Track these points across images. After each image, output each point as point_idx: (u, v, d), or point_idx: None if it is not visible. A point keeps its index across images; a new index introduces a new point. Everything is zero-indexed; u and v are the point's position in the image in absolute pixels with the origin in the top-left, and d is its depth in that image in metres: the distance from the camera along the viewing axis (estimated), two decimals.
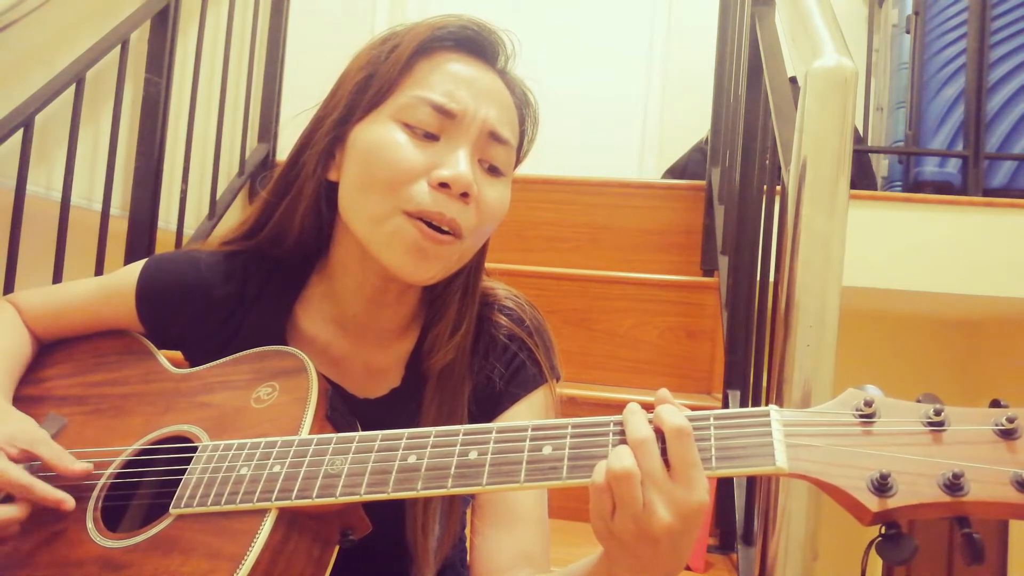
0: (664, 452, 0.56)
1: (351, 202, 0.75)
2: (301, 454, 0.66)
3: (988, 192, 1.98)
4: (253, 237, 0.83)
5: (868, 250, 1.77)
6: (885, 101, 2.51)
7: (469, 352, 0.82)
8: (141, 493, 0.75)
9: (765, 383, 1.21)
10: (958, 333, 2.65)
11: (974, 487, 0.51)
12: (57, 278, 1.52)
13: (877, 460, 0.53)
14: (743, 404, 1.52)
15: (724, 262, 1.88)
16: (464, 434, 0.63)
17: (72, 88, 1.53)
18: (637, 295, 1.98)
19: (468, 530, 0.82)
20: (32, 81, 1.47)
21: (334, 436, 0.66)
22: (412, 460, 0.62)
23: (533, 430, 0.61)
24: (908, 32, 2.24)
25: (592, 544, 0.59)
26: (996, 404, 0.54)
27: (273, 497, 0.64)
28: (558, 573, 0.69)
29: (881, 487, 0.52)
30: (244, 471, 0.66)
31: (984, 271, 1.75)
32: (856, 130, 2.01)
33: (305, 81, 0.85)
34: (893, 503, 0.52)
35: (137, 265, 0.85)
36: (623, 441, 0.57)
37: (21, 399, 0.83)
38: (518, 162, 0.82)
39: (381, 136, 0.73)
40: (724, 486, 1.48)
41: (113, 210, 1.69)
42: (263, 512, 0.63)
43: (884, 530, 0.53)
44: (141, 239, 1.77)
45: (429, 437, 0.64)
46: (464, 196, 0.72)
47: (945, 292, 1.77)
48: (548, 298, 1.98)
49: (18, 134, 1.42)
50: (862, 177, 2.28)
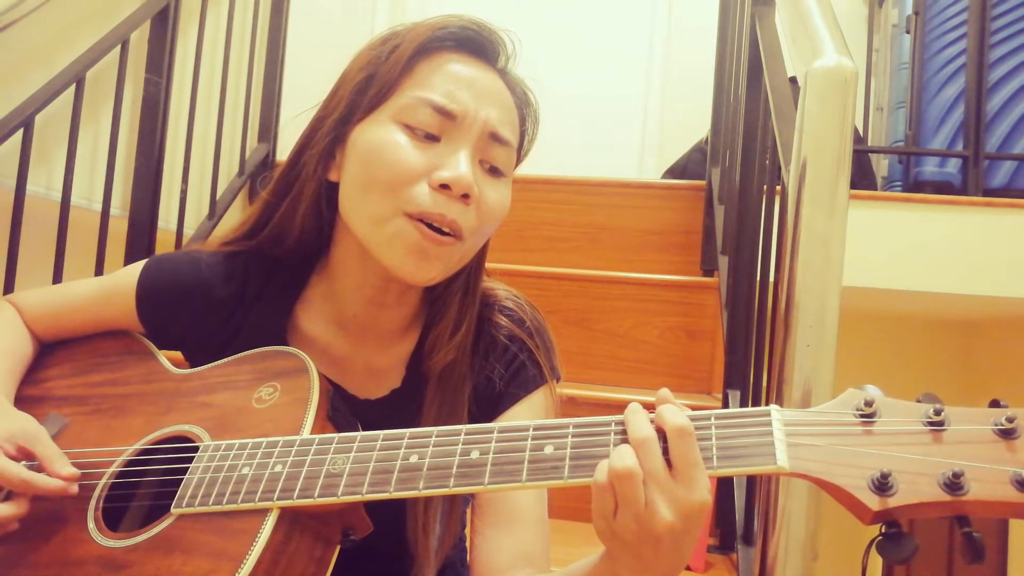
0: (666, 452, 0.56)
1: (352, 203, 0.75)
2: (303, 454, 0.66)
3: (988, 192, 1.98)
4: (254, 237, 0.83)
5: (868, 250, 1.77)
6: (885, 101, 2.51)
7: (470, 352, 0.82)
8: (142, 493, 0.75)
9: (765, 383, 1.21)
10: (958, 333, 2.65)
11: (974, 486, 0.51)
12: (57, 278, 1.52)
13: (877, 459, 0.54)
14: (743, 404, 1.52)
15: (724, 262, 1.88)
16: (466, 434, 0.63)
17: (72, 88, 1.53)
18: (637, 295, 1.98)
19: (468, 530, 0.82)
20: (32, 81, 1.47)
21: (335, 436, 0.66)
22: (414, 460, 0.62)
23: (535, 430, 0.61)
24: (908, 32, 2.24)
25: (591, 544, 0.59)
26: (995, 404, 0.55)
27: (275, 497, 0.64)
28: (558, 573, 0.69)
29: (882, 486, 0.52)
30: (246, 471, 0.66)
31: (984, 271, 1.75)
32: (856, 130, 2.01)
33: (305, 81, 0.85)
34: (894, 502, 0.52)
35: (137, 265, 0.85)
36: (624, 441, 0.58)
37: (22, 399, 0.83)
38: (519, 161, 0.82)
39: (382, 137, 0.73)
40: (724, 486, 1.48)
41: (113, 210, 1.69)
42: (265, 512, 0.63)
43: (884, 529, 0.53)
44: (141, 239, 1.77)
45: (431, 437, 0.64)
46: (465, 197, 0.72)
47: (945, 292, 1.77)
48: (548, 298, 1.98)
49: (18, 134, 1.42)
50: (862, 177, 2.28)
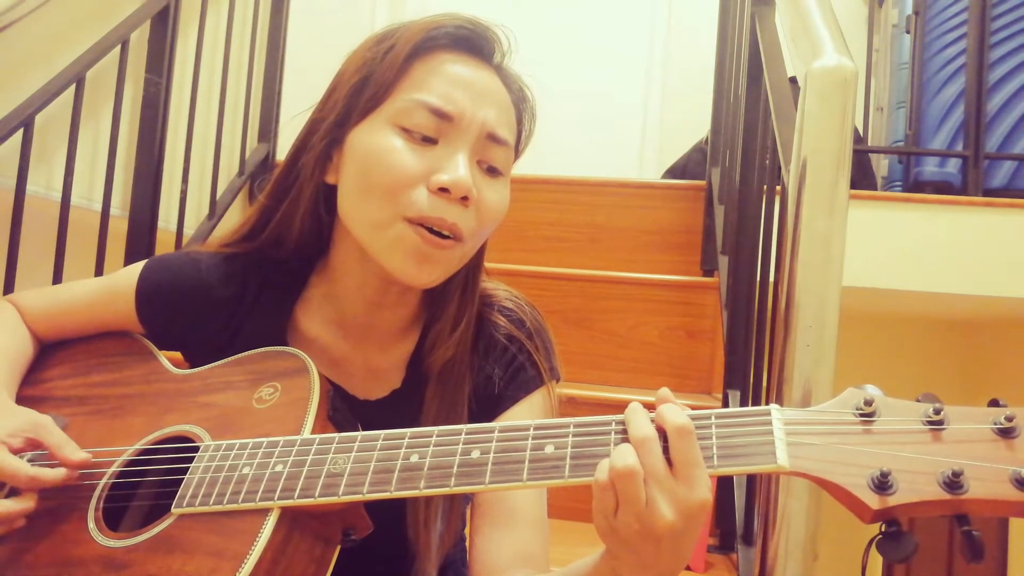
0: (666, 451, 0.56)
1: (351, 207, 0.75)
2: (303, 453, 0.66)
3: (988, 192, 1.98)
4: (253, 240, 0.83)
5: (868, 250, 1.77)
6: (885, 101, 2.51)
7: (469, 350, 0.82)
8: (143, 493, 0.75)
9: (765, 383, 1.21)
10: (958, 333, 2.65)
11: (974, 485, 0.51)
12: (57, 278, 1.52)
13: (877, 458, 0.54)
14: (743, 404, 1.52)
15: (724, 262, 1.88)
16: (467, 433, 0.63)
17: (72, 88, 1.53)
18: (637, 295, 1.98)
19: (468, 529, 0.82)
20: (32, 81, 1.47)
21: (336, 436, 0.66)
22: (415, 459, 0.62)
23: (535, 429, 0.61)
24: (908, 32, 2.24)
25: (590, 544, 0.59)
26: (995, 403, 0.55)
27: (275, 496, 0.64)
28: (557, 572, 0.69)
29: (881, 485, 0.52)
30: (246, 471, 0.66)
31: (984, 271, 1.74)
32: (856, 130, 2.01)
33: (305, 81, 0.85)
34: (893, 501, 0.52)
35: (137, 266, 0.85)
36: (625, 440, 0.58)
37: (21, 400, 0.82)
38: (516, 157, 0.82)
39: (379, 142, 0.72)
40: (724, 486, 1.48)
41: (113, 210, 1.69)
42: (265, 511, 0.63)
43: (884, 528, 0.53)
44: (141, 239, 1.77)
45: (431, 436, 0.64)
46: (464, 200, 0.72)
47: (945, 292, 1.77)
48: (548, 298, 1.98)
49: (18, 134, 1.41)
50: (862, 177, 2.28)
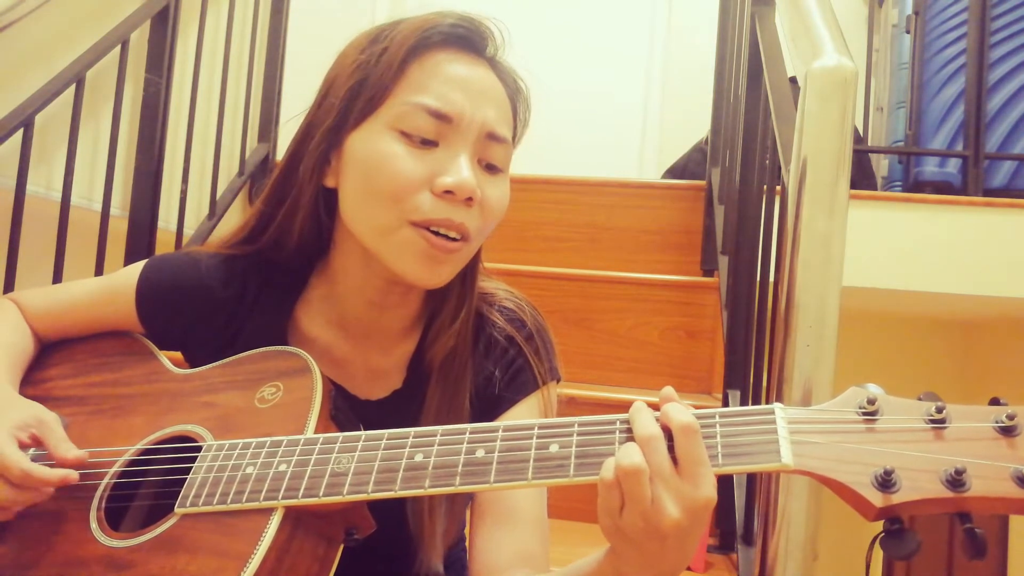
0: (671, 449, 0.56)
1: (354, 213, 0.75)
2: (307, 453, 0.66)
3: (988, 192, 1.98)
4: (253, 243, 0.83)
5: (868, 250, 1.77)
6: (885, 101, 2.51)
7: (470, 345, 0.82)
8: (145, 493, 0.75)
9: (765, 383, 1.21)
10: (958, 333, 2.65)
11: (976, 483, 0.52)
12: (57, 278, 1.52)
13: (880, 456, 0.54)
14: (743, 404, 1.52)
15: (724, 262, 1.87)
16: (471, 432, 0.63)
17: (72, 88, 1.53)
18: (637, 295, 1.98)
19: (468, 530, 0.82)
20: (32, 81, 1.47)
21: (340, 435, 0.66)
22: (419, 458, 0.63)
23: (540, 428, 0.62)
24: (908, 32, 2.24)
25: (590, 544, 0.59)
26: (995, 402, 0.55)
27: (279, 496, 0.64)
28: (558, 572, 0.69)
29: (885, 483, 0.53)
30: (250, 470, 0.66)
31: (984, 271, 1.74)
32: (856, 130, 2.01)
33: (305, 81, 0.85)
34: (897, 499, 0.52)
35: (138, 266, 0.85)
36: (630, 439, 0.58)
37: None
38: (513, 145, 0.82)
39: (379, 147, 0.72)
40: (724, 486, 1.48)
41: (113, 210, 1.68)
42: (269, 511, 0.64)
43: (887, 526, 0.54)
44: (141, 239, 1.77)
45: (436, 436, 0.64)
46: (468, 201, 0.72)
47: (945, 292, 1.77)
48: (548, 298, 1.98)
49: (18, 134, 1.41)
50: (862, 177, 2.28)
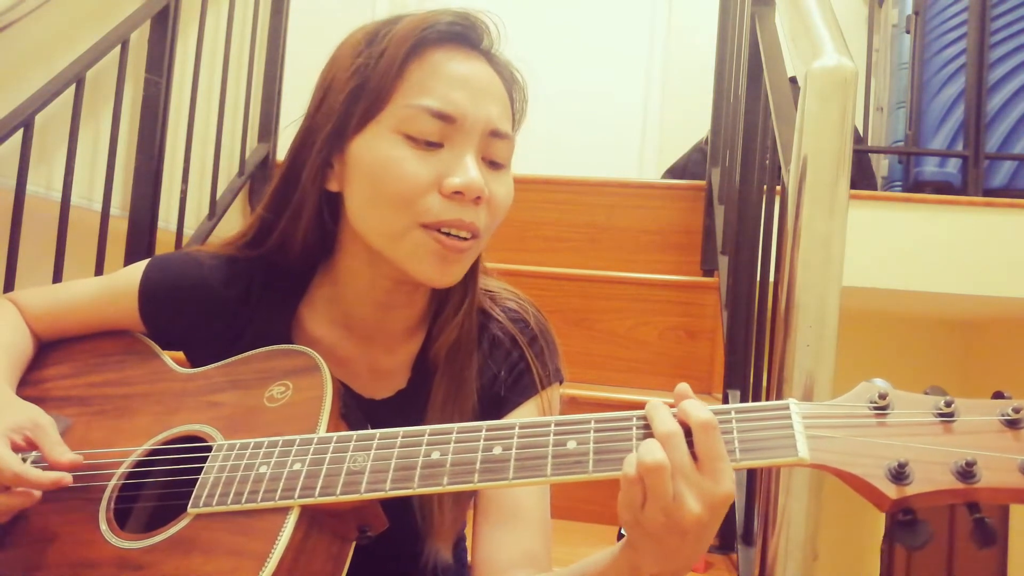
0: (690, 445, 0.57)
1: (363, 218, 0.75)
2: (321, 451, 0.66)
3: (988, 192, 1.98)
4: (256, 249, 0.82)
5: (868, 250, 1.77)
6: (885, 101, 2.51)
7: (475, 339, 0.82)
8: (153, 494, 0.75)
9: (765, 383, 1.21)
10: (958, 333, 2.65)
11: (985, 474, 0.53)
12: (57, 278, 1.52)
13: (893, 450, 0.56)
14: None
15: (724, 262, 1.88)
16: (487, 430, 0.63)
17: (72, 88, 1.53)
18: (637, 295, 1.98)
19: (469, 529, 0.82)
20: (32, 81, 1.47)
21: (354, 433, 0.66)
22: (436, 456, 0.63)
23: (556, 425, 0.62)
24: (908, 32, 2.24)
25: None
26: (999, 396, 0.57)
27: (295, 495, 0.64)
28: (572, 568, 0.69)
29: (899, 475, 0.54)
30: (263, 470, 0.66)
31: (984, 271, 1.75)
32: (856, 130, 2.01)
33: (305, 81, 0.85)
34: (911, 491, 0.54)
35: (139, 265, 0.84)
36: (648, 435, 0.59)
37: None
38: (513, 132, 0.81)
39: (385, 152, 0.72)
40: None
41: (113, 210, 1.68)
42: (284, 510, 0.63)
43: (901, 517, 0.56)
44: (141, 239, 1.77)
45: (451, 433, 0.64)
46: (477, 200, 0.72)
47: (945, 292, 1.77)
48: (548, 298, 1.97)
49: (18, 134, 1.41)
50: (862, 177, 2.28)
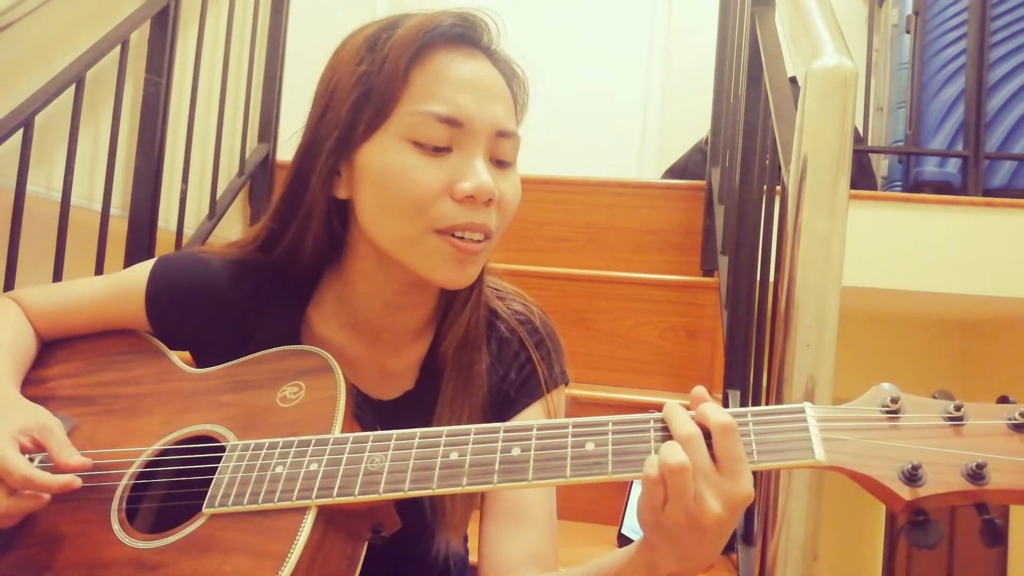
0: (709, 447, 0.58)
1: (375, 225, 0.75)
2: (338, 452, 0.66)
3: (988, 192, 1.98)
4: (265, 254, 0.82)
5: (868, 250, 1.77)
6: (885, 101, 2.51)
7: (483, 336, 0.82)
8: (164, 494, 0.74)
9: (765, 383, 1.21)
10: (958, 333, 2.65)
11: (994, 476, 0.55)
12: (57, 278, 1.51)
13: (906, 452, 0.57)
14: (743, 404, 1.52)
15: (724, 262, 1.87)
16: (504, 431, 0.64)
17: (72, 88, 1.53)
18: (637, 295, 1.97)
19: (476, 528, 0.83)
20: (32, 81, 1.47)
21: (370, 434, 0.66)
22: (454, 456, 0.63)
23: (574, 427, 0.63)
24: (908, 32, 2.24)
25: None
26: (1004, 400, 0.58)
27: (313, 495, 0.64)
28: (587, 567, 0.70)
29: (912, 477, 0.56)
30: (279, 470, 0.66)
31: (984, 271, 1.75)
32: (856, 130, 2.01)
33: (305, 81, 0.85)
34: (924, 492, 0.55)
35: (145, 265, 0.84)
36: (666, 437, 0.60)
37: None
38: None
39: (394, 160, 0.72)
40: None
41: (113, 210, 1.68)
42: (302, 511, 0.64)
43: (913, 517, 0.57)
44: (141, 239, 1.77)
45: (469, 434, 0.64)
46: (488, 202, 0.73)
47: (945, 292, 1.77)
48: (548, 298, 1.97)
49: (18, 134, 1.41)
50: (862, 177, 2.28)
